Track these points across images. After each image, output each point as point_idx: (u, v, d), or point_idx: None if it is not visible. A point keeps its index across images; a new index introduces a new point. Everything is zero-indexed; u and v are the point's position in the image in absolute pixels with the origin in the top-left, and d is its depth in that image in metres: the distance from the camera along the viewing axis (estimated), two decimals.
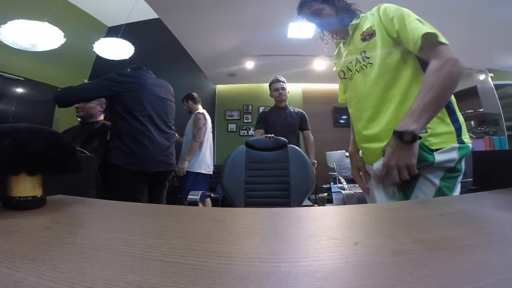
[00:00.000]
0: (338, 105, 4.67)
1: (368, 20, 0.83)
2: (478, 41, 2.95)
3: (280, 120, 2.27)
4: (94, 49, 2.74)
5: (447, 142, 0.70)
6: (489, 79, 3.76)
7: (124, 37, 2.84)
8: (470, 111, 3.61)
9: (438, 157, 0.68)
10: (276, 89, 2.33)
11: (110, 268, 0.20)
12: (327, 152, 3.86)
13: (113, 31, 4.84)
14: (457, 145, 0.69)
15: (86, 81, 1.65)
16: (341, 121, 4.72)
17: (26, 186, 0.38)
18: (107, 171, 1.41)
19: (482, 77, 3.80)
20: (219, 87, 5.12)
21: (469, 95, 3.55)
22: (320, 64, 3.65)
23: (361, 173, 0.94)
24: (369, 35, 0.80)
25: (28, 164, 0.37)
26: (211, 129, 2.73)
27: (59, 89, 1.47)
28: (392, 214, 0.40)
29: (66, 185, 0.51)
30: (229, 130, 5.02)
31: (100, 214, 0.39)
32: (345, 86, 0.95)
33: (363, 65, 0.82)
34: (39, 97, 3.96)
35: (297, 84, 4.90)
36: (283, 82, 2.35)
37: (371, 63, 0.80)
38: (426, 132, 0.71)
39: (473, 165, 0.63)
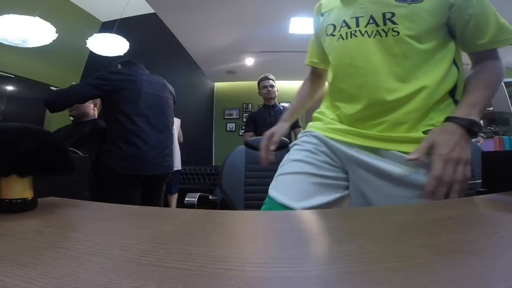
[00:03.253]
0: None
1: None
2: None
3: (270, 119, 2.28)
4: (87, 45, 2.75)
5: None
6: None
7: (119, 32, 2.85)
8: None
9: None
10: (264, 86, 2.35)
11: (104, 273, 0.20)
12: None
13: (107, 27, 4.85)
14: None
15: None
16: None
17: (16, 188, 0.38)
18: (99, 174, 1.41)
19: None
20: (218, 85, 5.13)
21: None
22: None
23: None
24: None
25: (19, 165, 0.37)
26: None
27: (48, 93, 1.47)
28: (398, 217, 0.40)
29: (58, 186, 0.51)
30: (228, 129, 5.03)
31: (93, 217, 0.39)
32: (329, 45, 0.75)
33: (382, 30, 0.64)
34: (30, 95, 3.97)
35: (298, 82, 4.90)
36: (272, 79, 2.37)
37: (397, 32, 0.62)
38: None
39: (482, 166, 0.63)
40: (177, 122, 3.16)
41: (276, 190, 0.71)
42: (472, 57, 0.69)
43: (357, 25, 0.67)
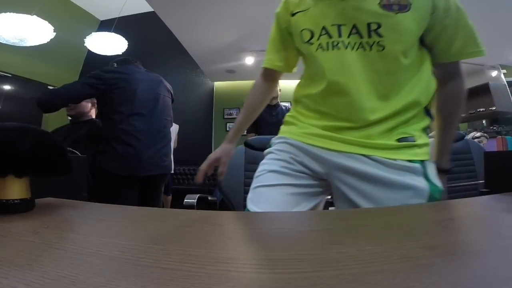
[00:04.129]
0: None
1: None
2: (490, 35, 2.95)
3: (272, 119, 2.26)
4: (85, 44, 2.75)
5: (429, 155, 0.64)
6: (502, 76, 3.77)
7: (117, 31, 2.85)
8: (481, 109, 3.61)
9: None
10: None
11: (102, 275, 0.20)
12: None
13: (106, 25, 4.85)
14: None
15: None
16: None
17: (13, 189, 0.38)
18: (97, 174, 1.40)
19: (494, 73, 3.81)
20: (217, 84, 5.12)
21: (481, 93, 3.55)
22: None
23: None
24: (399, 6, 0.56)
25: (16, 165, 0.37)
26: None
27: (41, 93, 1.45)
28: (400, 218, 0.40)
29: (55, 187, 0.51)
30: (227, 129, 5.02)
31: (91, 218, 0.39)
32: (308, 54, 0.69)
33: (366, 42, 0.59)
34: (27, 95, 3.97)
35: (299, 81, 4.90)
36: None
37: (382, 47, 0.58)
38: (414, 141, 0.62)
39: (485, 166, 0.63)
40: (175, 127, 3.14)
41: (254, 203, 0.68)
42: (440, 71, 0.67)
43: (340, 35, 0.61)
